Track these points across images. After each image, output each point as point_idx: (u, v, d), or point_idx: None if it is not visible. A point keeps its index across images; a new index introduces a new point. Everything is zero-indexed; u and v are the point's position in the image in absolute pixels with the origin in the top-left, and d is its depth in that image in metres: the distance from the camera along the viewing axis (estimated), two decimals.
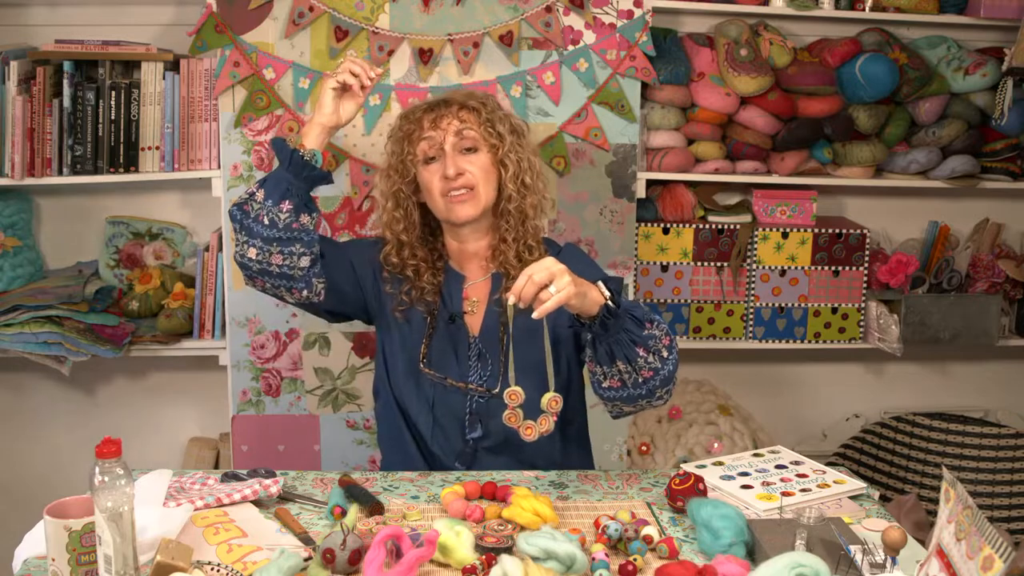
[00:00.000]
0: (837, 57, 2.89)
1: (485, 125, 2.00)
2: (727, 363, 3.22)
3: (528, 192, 2.02)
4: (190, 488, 1.81)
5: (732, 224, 2.97)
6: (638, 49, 2.72)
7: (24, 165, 2.65)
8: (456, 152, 1.98)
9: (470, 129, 1.99)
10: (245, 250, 1.94)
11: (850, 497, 1.83)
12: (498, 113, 2.04)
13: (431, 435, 2.01)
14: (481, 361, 2.00)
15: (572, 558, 1.50)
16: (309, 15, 2.61)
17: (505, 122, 2.03)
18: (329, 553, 1.51)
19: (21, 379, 3.02)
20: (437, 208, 2.01)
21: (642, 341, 1.75)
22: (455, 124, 1.99)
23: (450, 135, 1.98)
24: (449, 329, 2.02)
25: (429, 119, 2.00)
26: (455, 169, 1.96)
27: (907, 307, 3.01)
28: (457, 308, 2.04)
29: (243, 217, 1.93)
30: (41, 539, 1.51)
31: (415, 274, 2.04)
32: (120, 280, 2.93)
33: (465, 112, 2.00)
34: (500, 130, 2.01)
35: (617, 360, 1.76)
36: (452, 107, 2.01)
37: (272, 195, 1.93)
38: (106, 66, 2.67)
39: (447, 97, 2.05)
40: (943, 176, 3.01)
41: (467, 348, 2.01)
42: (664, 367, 1.78)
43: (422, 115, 2.01)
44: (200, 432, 3.07)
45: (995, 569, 1.22)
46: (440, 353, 2.02)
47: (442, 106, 2.02)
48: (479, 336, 2.02)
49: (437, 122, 1.99)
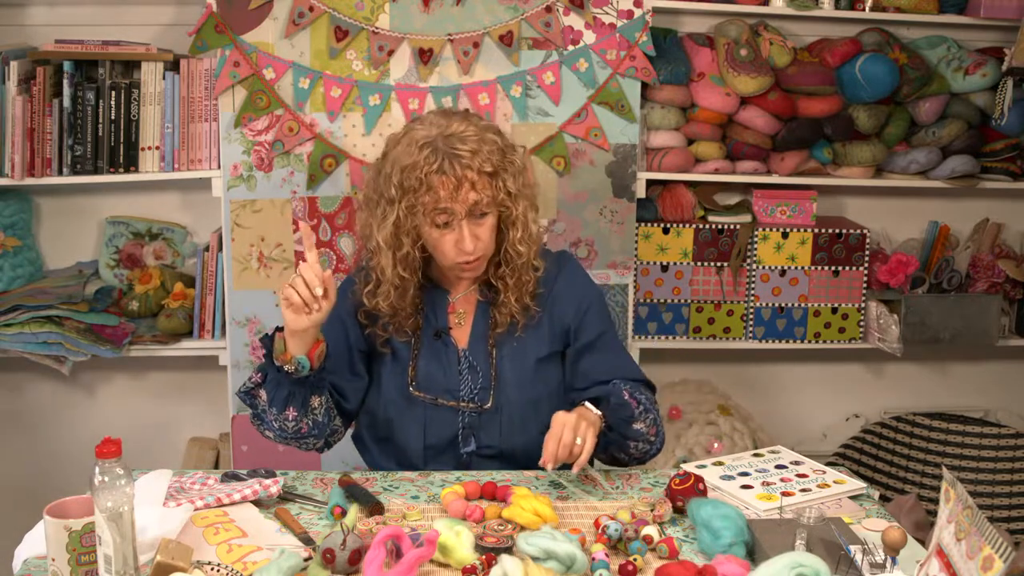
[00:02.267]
0: (837, 57, 2.88)
1: (501, 193, 1.88)
2: (727, 363, 3.22)
3: (533, 242, 1.95)
4: (190, 488, 1.81)
5: (732, 224, 2.97)
6: (638, 49, 2.72)
7: (24, 165, 2.65)
8: (470, 221, 1.87)
9: (488, 199, 1.86)
10: (261, 431, 1.92)
11: (850, 497, 1.83)
12: (507, 162, 1.89)
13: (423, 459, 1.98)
14: (472, 373, 1.98)
15: (572, 558, 1.50)
16: (309, 15, 2.61)
17: (514, 171, 1.90)
18: (329, 553, 1.51)
19: (21, 379, 3.02)
20: (445, 266, 1.94)
21: (632, 436, 1.89)
22: (472, 196, 1.84)
23: (467, 205, 1.85)
24: (435, 346, 1.98)
25: (446, 189, 1.83)
26: (473, 245, 1.87)
27: (907, 307, 3.01)
28: (443, 324, 1.99)
29: (252, 407, 1.89)
30: (41, 539, 1.51)
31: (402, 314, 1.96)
32: (120, 280, 2.93)
33: (482, 180, 1.85)
34: (512, 190, 1.89)
35: (611, 451, 1.93)
36: (468, 172, 1.83)
37: (275, 403, 1.85)
38: (106, 66, 2.67)
39: (458, 153, 1.83)
40: (943, 176, 3.01)
41: (457, 362, 1.98)
42: (652, 447, 1.95)
43: (436, 180, 1.83)
44: (200, 432, 3.06)
45: (995, 569, 1.22)
46: (428, 372, 1.97)
47: (456, 167, 1.83)
48: (468, 348, 1.99)
49: (455, 194, 1.83)
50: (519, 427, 1.96)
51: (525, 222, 1.93)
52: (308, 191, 2.69)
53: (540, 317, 1.99)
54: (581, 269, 2.09)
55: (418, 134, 1.87)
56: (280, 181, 2.68)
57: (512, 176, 1.89)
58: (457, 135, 1.85)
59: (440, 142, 1.84)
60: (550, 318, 2.00)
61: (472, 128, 1.88)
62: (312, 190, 2.69)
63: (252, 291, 2.71)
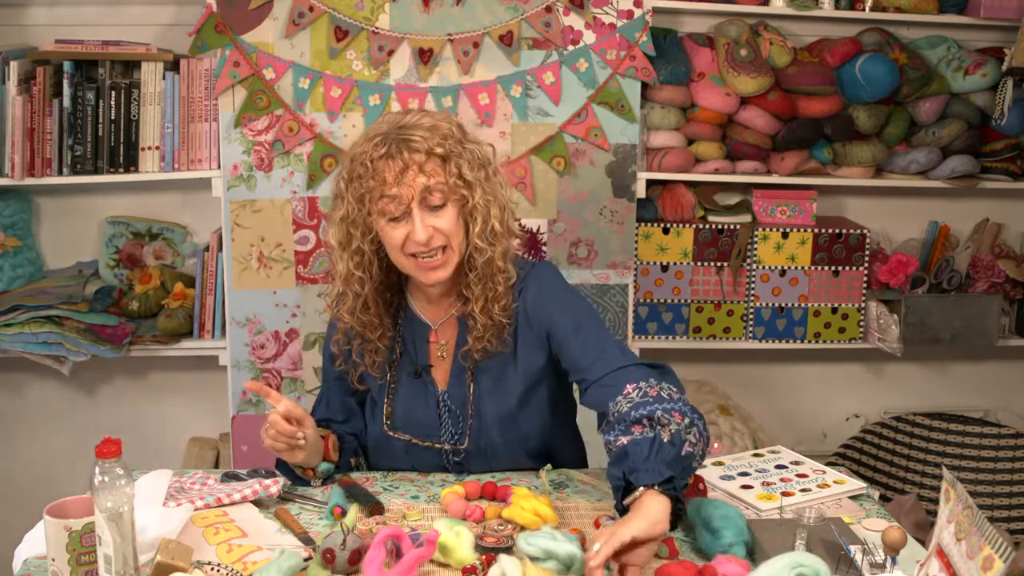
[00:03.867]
0: (837, 57, 2.88)
1: (453, 176, 1.76)
2: (727, 363, 3.22)
3: (497, 241, 1.81)
4: (190, 488, 1.81)
5: (732, 224, 2.97)
6: (638, 49, 2.72)
7: (24, 165, 2.65)
8: (423, 210, 1.75)
9: (438, 184, 1.75)
10: None
11: (850, 497, 1.83)
12: (463, 149, 1.79)
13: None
14: (452, 417, 1.90)
15: (572, 558, 1.50)
16: (309, 15, 2.61)
17: (472, 159, 1.79)
18: (329, 553, 1.51)
19: (21, 379, 3.02)
20: (404, 268, 1.82)
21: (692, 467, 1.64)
22: (421, 180, 1.73)
23: (416, 192, 1.74)
24: (415, 385, 1.91)
25: (392, 172, 1.73)
26: (426, 234, 1.74)
27: (907, 307, 3.01)
28: (423, 361, 1.91)
29: None
30: (41, 539, 1.51)
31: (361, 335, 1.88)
32: (120, 280, 2.93)
33: (431, 162, 1.75)
34: (468, 177, 1.77)
35: None
36: (416, 155, 1.74)
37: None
38: (106, 66, 2.67)
39: (407, 137, 1.75)
40: (943, 176, 3.01)
41: (436, 405, 1.90)
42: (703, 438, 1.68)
43: (381, 163, 1.74)
44: (200, 432, 3.06)
45: (995, 569, 1.22)
46: (407, 412, 1.91)
47: (403, 150, 1.74)
48: (447, 391, 1.90)
49: (401, 176, 1.73)
50: (507, 460, 1.93)
51: (486, 216, 1.79)
52: (308, 191, 2.69)
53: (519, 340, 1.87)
54: (552, 271, 1.95)
55: (372, 130, 1.81)
56: (280, 181, 2.68)
57: (468, 164, 1.77)
58: (409, 125, 1.78)
59: (392, 132, 1.77)
60: (528, 326, 1.87)
61: (428, 119, 1.79)
62: (312, 190, 2.69)
63: (252, 291, 2.71)
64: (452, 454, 1.91)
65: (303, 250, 2.71)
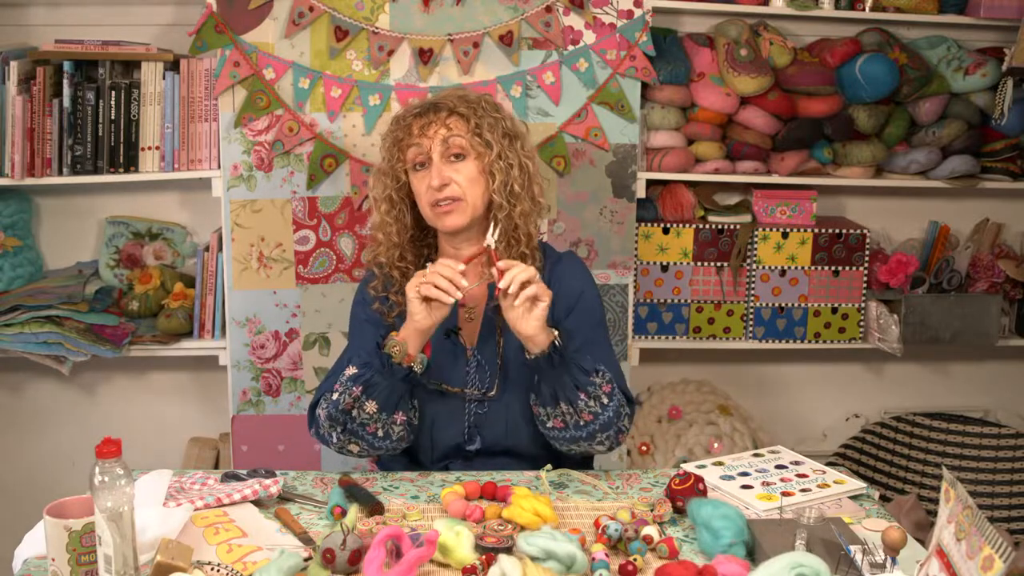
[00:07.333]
0: (837, 57, 2.89)
1: (473, 132, 1.94)
2: (727, 363, 3.22)
3: (517, 201, 1.96)
4: (190, 488, 1.81)
5: (732, 224, 2.97)
6: (638, 49, 2.72)
7: (24, 165, 2.65)
8: (443, 160, 1.94)
9: (457, 137, 1.94)
10: (345, 444, 1.91)
11: (850, 497, 1.83)
12: (490, 117, 1.98)
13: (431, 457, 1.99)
14: (479, 371, 1.99)
15: (572, 558, 1.50)
16: (309, 15, 2.61)
17: (497, 127, 1.97)
18: (329, 553, 1.51)
19: (21, 379, 3.02)
20: (426, 215, 1.98)
21: (583, 386, 1.85)
22: (442, 132, 1.94)
23: (437, 143, 1.93)
24: (444, 344, 1.98)
25: (418, 125, 1.95)
26: (440, 180, 1.91)
27: (907, 307, 3.01)
28: (453, 322, 1.99)
29: (348, 422, 1.88)
30: (41, 539, 1.51)
31: (402, 276, 2.00)
32: (120, 280, 2.93)
33: (454, 119, 1.95)
34: (489, 137, 1.95)
35: (560, 402, 1.86)
36: (441, 113, 1.96)
37: (386, 407, 1.87)
38: (106, 66, 2.67)
39: (439, 100, 1.99)
40: (943, 176, 3.01)
41: (465, 361, 1.99)
42: (604, 412, 1.86)
43: (412, 120, 1.97)
44: (200, 432, 3.06)
45: (995, 569, 1.22)
46: (436, 362, 1.96)
47: (431, 111, 1.96)
48: (476, 347, 2.00)
49: (425, 129, 1.94)
50: (524, 420, 1.96)
51: (505, 177, 1.95)
52: (308, 191, 2.69)
53: None
54: (582, 266, 2.09)
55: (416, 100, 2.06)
56: (280, 181, 2.68)
57: (490, 127, 1.96)
58: (445, 94, 2.02)
59: (429, 99, 2.03)
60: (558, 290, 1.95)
61: (463, 91, 2.04)
62: (312, 190, 2.69)
63: (252, 291, 2.71)
64: (475, 410, 1.97)
65: (303, 250, 2.71)
